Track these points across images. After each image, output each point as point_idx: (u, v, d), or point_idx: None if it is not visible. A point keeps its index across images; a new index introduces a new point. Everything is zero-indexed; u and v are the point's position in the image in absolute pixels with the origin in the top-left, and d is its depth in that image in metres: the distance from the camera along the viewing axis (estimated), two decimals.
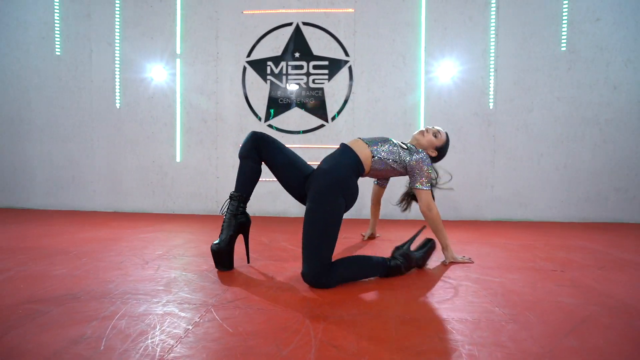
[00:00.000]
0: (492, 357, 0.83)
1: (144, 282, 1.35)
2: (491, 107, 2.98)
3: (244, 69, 3.10)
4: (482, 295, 1.26)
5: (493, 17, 2.93)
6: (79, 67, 3.21)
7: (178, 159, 3.18)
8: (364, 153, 1.56)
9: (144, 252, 1.80)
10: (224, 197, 3.14)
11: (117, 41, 3.16)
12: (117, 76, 3.18)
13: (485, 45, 2.96)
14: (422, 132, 1.79)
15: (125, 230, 2.36)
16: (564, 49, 2.91)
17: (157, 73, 3.14)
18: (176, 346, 0.88)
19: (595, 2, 2.89)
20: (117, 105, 3.20)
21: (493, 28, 2.94)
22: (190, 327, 0.98)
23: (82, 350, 0.85)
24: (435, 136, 1.77)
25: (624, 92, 2.92)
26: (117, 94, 3.19)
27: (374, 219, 2.21)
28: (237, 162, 3.06)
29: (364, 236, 2.24)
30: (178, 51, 3.13)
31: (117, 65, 3.17)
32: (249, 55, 3.09)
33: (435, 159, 1.83)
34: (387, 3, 2.99)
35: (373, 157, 1.57)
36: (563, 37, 2.91)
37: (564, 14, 2.90)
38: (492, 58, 2.95)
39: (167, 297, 1.21)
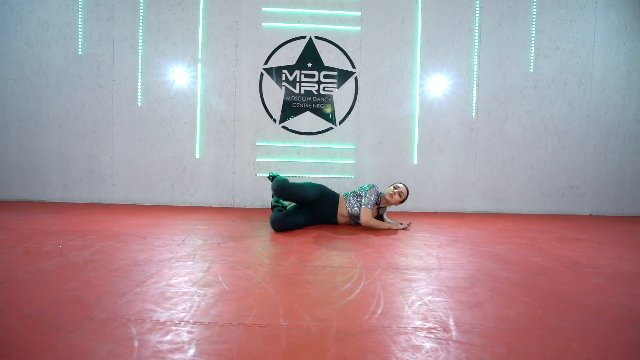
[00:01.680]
0: (491, 288, 1.27)
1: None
2: (473, 116, 3.53)
3: (261, 75, 3.43)
4: (479, 256, 1.72)
5: (476, 41, 3.49)
6: (101, 67, 3.39)
7: (197, 156, 3.45)
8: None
9: (197, 235, 2.10)
10: (240, 191, 3.45)
11: (140, 44, 3.38)
12: (140, 77, 3.39)
13: (469, 64, 3.50)
14: (391, 194, 2.46)
15: (160, 220, 2.62)
16: (531, 70, 3.53)
17: (179, 75, 3.39)
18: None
19: (556, 33, 3.52)
20: (139, 104, 3.41)
21: (476, 50, 3.49)
22: None
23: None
24: (400, 196, 2.47)
25: (576, 108, 3.57)
26: (139, 93, 3.40)
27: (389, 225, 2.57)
28: (253, 159, 3.38)
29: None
30: (199, 56, 3.40)
31: (139, 67, 3.39)
32: (266, 63, 3.43)
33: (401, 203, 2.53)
34: (388, 23, 3.45)
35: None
36: (531, 60, 3.52)
37: (532, 41, 3.51)
38: (475, 75, 3.50)
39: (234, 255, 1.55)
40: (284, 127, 3.46)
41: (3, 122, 3.40)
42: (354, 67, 3.47)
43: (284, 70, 3.43)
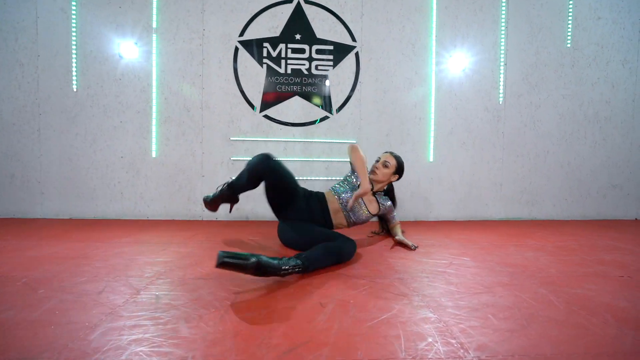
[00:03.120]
0: None
1: (142, 329, 0.94)
2: (501, 102, 2.87)
3: (236, 49, 2.67)
4: (601, 326, 1.03)
5: (503, 8, 2.82)
6: (20, 38, 2.55)
7: (154, 154, 2.66)
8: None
9: (128, 274, 1.35)
10: None
11: (74, 8, 2.56)
12: (74, 52, 2.58)
13: (495, 37, 2.84)
14: (374, 172, 1.96)
15: (93, 244, 1.84)
16: (569, 45, 2.89)
17: (128, 50, 2.60)
18: None
19: (597, 0, 2.89)
20: (74, 87, 2.59)
21: (503, 19, 2.83)
22: None
23: None
24: (386, 166, 1.95)
25: (621, 91, 2.96)
26: (74, 73, 2.59)
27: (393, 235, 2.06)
28: (226, 158, 2.63)
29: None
30: (154, 25, 2.61)
31: (73, 38, 2.57)
32: (241, 35, 2.67)
33: (399, 179, 2.04)
34: None
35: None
36: (568, 33, 2.88)
37: (570, 9, 2.87)
38: (502, 51, 2.84)
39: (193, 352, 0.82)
40: (265, 116, 2.71)
41: None
42: (354, 40, 2.75)
43: (266, 44, 2.68)
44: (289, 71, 2.70)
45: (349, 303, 1.11)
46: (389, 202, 2.00)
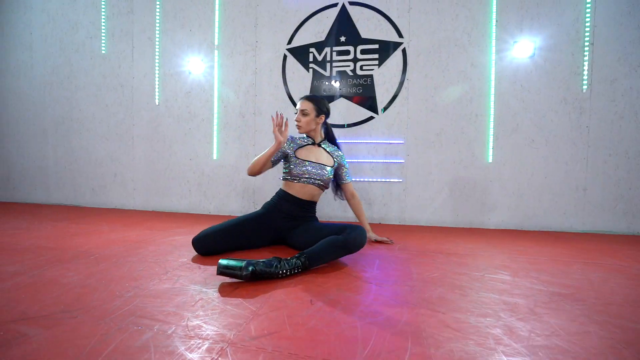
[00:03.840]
0: None
1: (155, 300, 1.09)
2: (584, 90, 2.38)
3: (284, 57, 2.83)
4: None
5: None
6: (122, 64, 3.18)
7: (215, 157, 3.00)
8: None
9: (167, 259, 1.56)
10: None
11: (157, 35, 3.08)
12: (157, 71, 3.09)
13: (577, 14, 2.37)
14: (298, 126, 1.85)
15: (156, 232, 2.18)
16: None
17: (195, 66, 2.99)
18: None
19: None
20: (156, 101, 3.11)
21: None
22: None
23: None
24: (305, 114, 1.82)
25: None
26: (157, 89, 3.10)
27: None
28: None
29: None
30: (216, 42, 2.96)
31: (156, 60, 3.09)
32: (289, 42, 2.82)
33: (326, 119, 1.91)
34: None
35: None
36: None
37: None
38: (588, 28, 2.36)
39: (176, 325, 0.92)
40: None
41: (42, 126, 3.43)
42: (400, 36, 2.63)
43: (312, 49, 2.77)
44: (334, 73, 2.74)
45: (338, 304, 1.10)
46: (339, 152, 1.94)
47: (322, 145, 1.91)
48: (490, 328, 0.93)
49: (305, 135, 1.91)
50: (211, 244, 1.62)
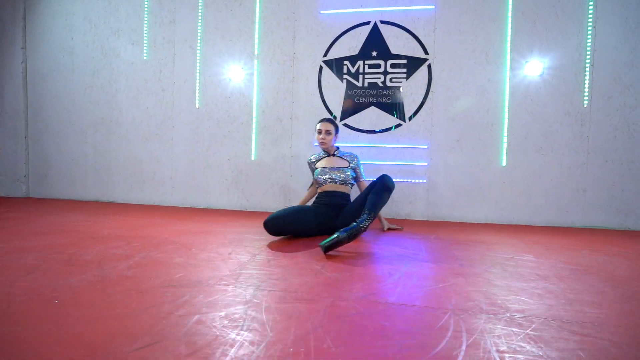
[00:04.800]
0: None
1: (264, 269, 1.36)
2: (585, 105, 2.77)
3: (320, 68, 3.12)
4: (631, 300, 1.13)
5: (591, 7, 2.73)
6: (163, 70, 3.41)
7: (253, 157, 3.26)
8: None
9: (243, 245, 1.83)
10: (297, 195, 3.17)
11: (199, 44, 3.32)
12: (198, 77, 3.33)
13: (580, 38, 2.76)
14: (323, 143, 2.34)
15: (210, 224, 2.44)
16: None
17: (235, 74, 3.25)
18: None
19: None
20: (197, 105, 3.35)
21: (590, 19, 2.73)
22: None
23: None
24: (329, 133, 2.34)
25: None
26: (197, 94, 3.34)
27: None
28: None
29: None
30: (255, 52, 3.22)
31: (197, 67, 3.33)
32: (325, 55, 3.11)
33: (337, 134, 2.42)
34: None
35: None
36: None
37: None
38: (589, 52, 2.74)
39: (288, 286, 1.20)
40: (345, 124, 3.10)
41: (81, 127, 3.61)
42: (426, 53, 2.96)
43: (346, 62, 3.07)
44: (365, 84, 3.04)
45: (413, 275, 1.40)
46: (353, 155, 2.40)
47: (336, 154, 2.38)
48: (534, 289, 1.25)
49: (321, 151, 2.43)
50: (281, 224, 1.96)
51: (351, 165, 2.35)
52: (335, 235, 1.65)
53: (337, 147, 2.43)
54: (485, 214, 2.92)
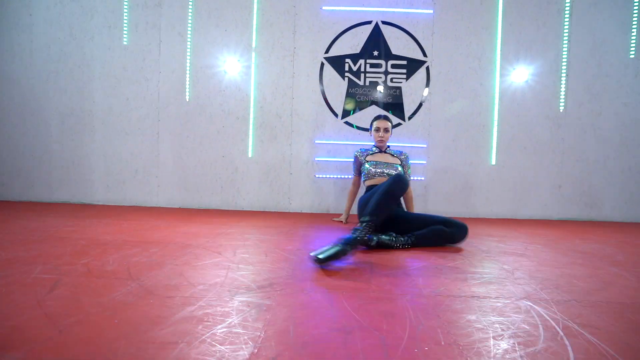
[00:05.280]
0: None
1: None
2: (561, 111, 3.09)
3: (322, 65, 3.09)
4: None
5: (566, 24, 3.04)
6: (147, 58, 3.11)
7: (250, 155, 3.12)
8: None
9: (245, 244, 1.76)
10: (297, 193, 3.10)
11: (189, 32, 3.08)
12: (188, 68, 3.10)
13: (557, 51, 3.06)
14: (382, 140, 2.39)
15: (210, 225, 2.29)
16: (632, 56, 3.06)
17: (231, 66, 3.08)
18: None
19: None
20: (187, 97, 3.11)
21: (566, 34, 3.05)
22: None
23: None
24: (387, 130, 2.38)
25: None
26: (187, 86, 3.10)
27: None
28: (311, 159, 3.02)
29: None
30: (253, 45, 3.08)
31: (188, 57, 3.09)
32: (327, 52, 3.08)
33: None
34: (465, 6, 3.05)
35: None
36: (632, 44, 3.05)
37: (634, 22, 3.04)
38: (564, 63, 3.06)
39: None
40: (346, 122, 3.10)
41: (43, 118, 3.16)
42: (425, 55, 3.08)
43: (347, 60, 3.07)
44: (367, 83, 3.07)
45: (457, 268, 1.45)
46: (404, 154, 2.44)
47: (387, 151, 2.38)
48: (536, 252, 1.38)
49: (372, 146, 2.44)
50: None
51: (402, 162, 2.38)
52: (330, 247, 1.40)
53: (388, 145, 2.46)
54: (477, 209, 3.12)
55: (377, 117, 2.36)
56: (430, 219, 1.88)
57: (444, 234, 1.79)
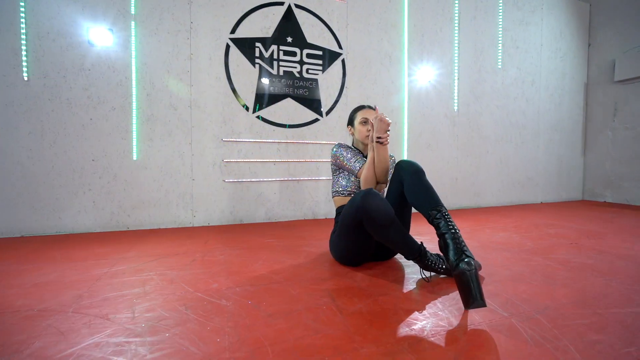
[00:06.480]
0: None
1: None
2: (456, 110, 3.42)
3: (227, 47, 2.57)
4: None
5: (456, 31, 3.36)
6: None
7: (134, 157, 2.37)
8: None
9: (198, 289, 1.28)
10: (203, 204, 2.54)
11: None
12: (23, 32, 2.12)
13: (451, 55, 3.36)
14: (360, 131, 1.66)
15: (98, 262, 1.61)
16: (500, 66, 3.61)
17: (99, 36, 2.25)
18: None
19: (516, 32, 3.69)
20: (24, 75, 2.13)
21: (456, 41, 3.37)
22: None
23: None
24: (382, 124, 1.53)
25: (531, 104, 3.84)
26: (24, 58, 2.12)
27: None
28: (219, 160, 2.52)
29: None
30: (131, 10, 2.32)
31: (22, 16, 2.11)
32: (233, 32, 2.58)
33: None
34: (376, 1, 3.01)
35: None
36: (499, 57, 3.60)
37: (499, 38, 3.59)
38: (456, 67, 3.39)
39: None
40: (258, 117, 2.68)
41: None
42: (340, 47, 2.92)
43: (258, 44, 2.64)
44: (281, 73, 2.72)
45: (429, 283, 1.30)
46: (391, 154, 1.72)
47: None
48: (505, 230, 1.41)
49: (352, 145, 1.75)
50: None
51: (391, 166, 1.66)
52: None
53: None
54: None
55: (361, 107, 1.71)
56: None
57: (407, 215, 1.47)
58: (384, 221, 1.27)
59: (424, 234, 2.16)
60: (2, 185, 2.11)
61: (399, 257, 1.67)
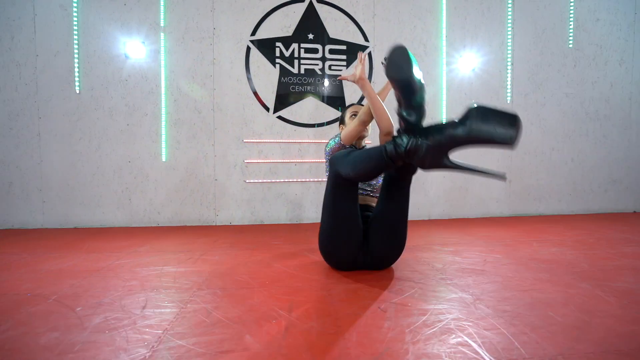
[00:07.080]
0: None
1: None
2: (508, 101, 2.93)
3: (248, 49, 2.61)
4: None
5: (509, 10, 2.88)
6: (17, 36, 2.40)
7: (164, 158, 2.56)
8: None
9: (165, 287, 1.28)
10: (224, 203, 2.61)
11: (75, 4, 2.43)
12: (76, 51, 2.44)
13: (502, 38, 2.89)
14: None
15: (112, 254, 1.74)
16: (571, 46, 2.98)
17: (134, 49, 2.48)
18: None
19: (596, 2, 3.00)
20: (77, 89, 2.46)
21: (510, 20, 2.89)
22: None
23: None
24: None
25: (618, 90, 3.09)
26: (77, 73, 2.45)
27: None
28: (240, 161, 2.56)
29: None
30: (161, 23, 2.51)
31: (75, 37, 2.44)
32: (253, 34, 2.61)
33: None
34: None
35: None
36: (570, 34, 2.97)
37: (571, 12, 2.96)
38: (509, 51, 2.90)
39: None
40: (279, 117, 2.66)
41: None
42: (366, 40, 2.74)
43: (278, 44, 2.63)
44: (302, 71, 2.66)
45: (407, 307, 1.09)
46: None
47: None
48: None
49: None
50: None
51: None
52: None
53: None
54: (426, 209, 2.87)
55: (350, 105, 1.72)
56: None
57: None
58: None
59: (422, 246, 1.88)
60: (59, 185, 2.47)
61: (396, 267, 1.47)
